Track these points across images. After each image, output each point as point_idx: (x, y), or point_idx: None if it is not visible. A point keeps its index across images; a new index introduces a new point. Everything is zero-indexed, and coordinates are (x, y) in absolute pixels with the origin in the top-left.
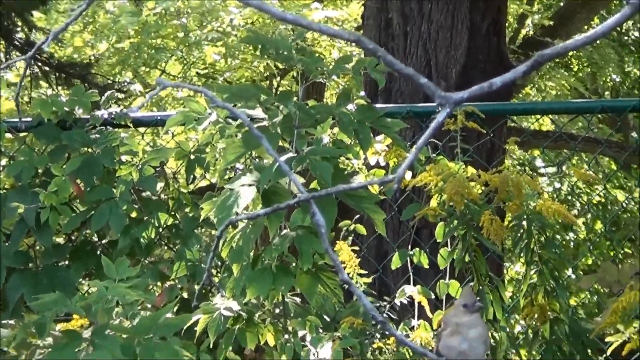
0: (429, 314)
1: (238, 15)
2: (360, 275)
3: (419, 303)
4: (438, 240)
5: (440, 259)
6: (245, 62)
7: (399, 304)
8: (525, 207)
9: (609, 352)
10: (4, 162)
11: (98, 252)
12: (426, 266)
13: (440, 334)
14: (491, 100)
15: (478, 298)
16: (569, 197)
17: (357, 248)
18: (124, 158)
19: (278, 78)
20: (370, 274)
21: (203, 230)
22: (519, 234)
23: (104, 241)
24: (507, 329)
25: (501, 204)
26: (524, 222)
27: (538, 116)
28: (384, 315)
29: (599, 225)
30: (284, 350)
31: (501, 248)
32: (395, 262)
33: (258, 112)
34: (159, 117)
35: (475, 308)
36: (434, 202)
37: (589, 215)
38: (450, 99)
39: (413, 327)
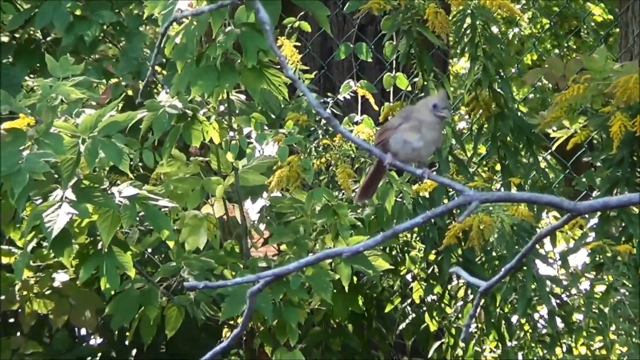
0: (375, 107)
1: None
2: (304, 71)
3: (363, 97)
4: (384, 32)
5: (386, 51)
6: None
7: (342, 99)
8: (470, 0)
9: (554, 147)
10: None
11: (42, 50)
12: (370, 60)
13: (394, 127)
14: None
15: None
16: None
17: (298, 44)
18: None
19: None
20: (315, 72)
21: (147, 27)
22: (463, 29)
23: (48, 39)
24: (452, 125)
25: None
26: (468, 17)
27: None
28: (329, 111)
29: (545, 21)
30: (229, 147)
31: (446, 43)
32: (340, 54)
33: None
34: None
35: (443, 113)
36: None
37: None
38: None
39: (357, 122)
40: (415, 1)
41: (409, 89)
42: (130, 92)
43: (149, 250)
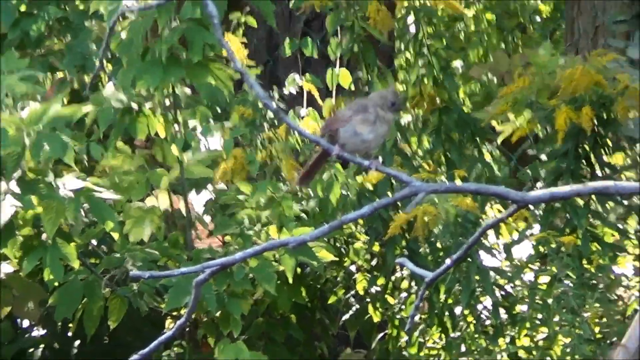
0: (320, 101)
1: None
2: (250, 67)
3: (309, 92)
4: (328, 31)
5: (330, 49)
6: None
7: (288, 93)
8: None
9: (499, 141)
10: None
11: None
12: (316, 56)
13: (345, 118)
14: None
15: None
16: None
17: (245, 40)
18: None
19: None
20: (261, 66)
21: (93, 22)
22: (407, 25)
23: None
24: (397, 118)
25: None
26: (412, 13)
27: None
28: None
29: (490, 16)
30: (174, 141)
31: (390, 38)
32: (286, 51)
33: None
34: None
35: (397, 108)
36: None
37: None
38: None
39: (302, 116)
40: None
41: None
42: (76, 87)
43: (93, 241)
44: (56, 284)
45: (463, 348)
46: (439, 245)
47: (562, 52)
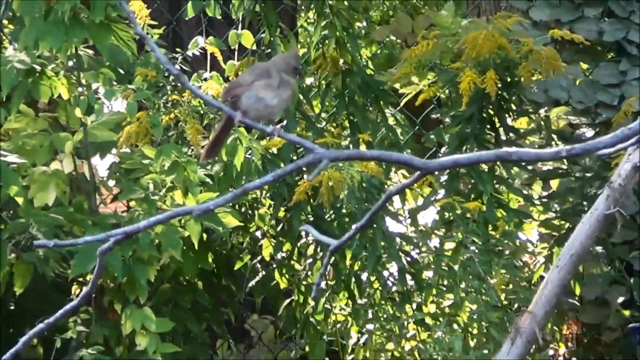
0: (224, 65)
1: None
2: (152, 26)
3: (212, 55)
4: None
5: (232, 9)
6: None
7: (191, 55)
8: None
9: (402, 103)
10: None
11: None
12: (219, 17)
13: (247, 83)
14: None
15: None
16: None
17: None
18: None
19: None
20: (164, 27)
21: None
22: None
23: None
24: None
25: None
26: None
27: None
28: (177, 67)
29: None
30: (77, 103)
31: None
32: (189, 12)
33: None
34: None
35: (299, 72)
36: None
37: None
38: None
39: (205, 78)
40: None
41: (256, 46)
42: None
43: None
44: None
45: (370, 314)
46: (344, 210)
47: (463, 11)
